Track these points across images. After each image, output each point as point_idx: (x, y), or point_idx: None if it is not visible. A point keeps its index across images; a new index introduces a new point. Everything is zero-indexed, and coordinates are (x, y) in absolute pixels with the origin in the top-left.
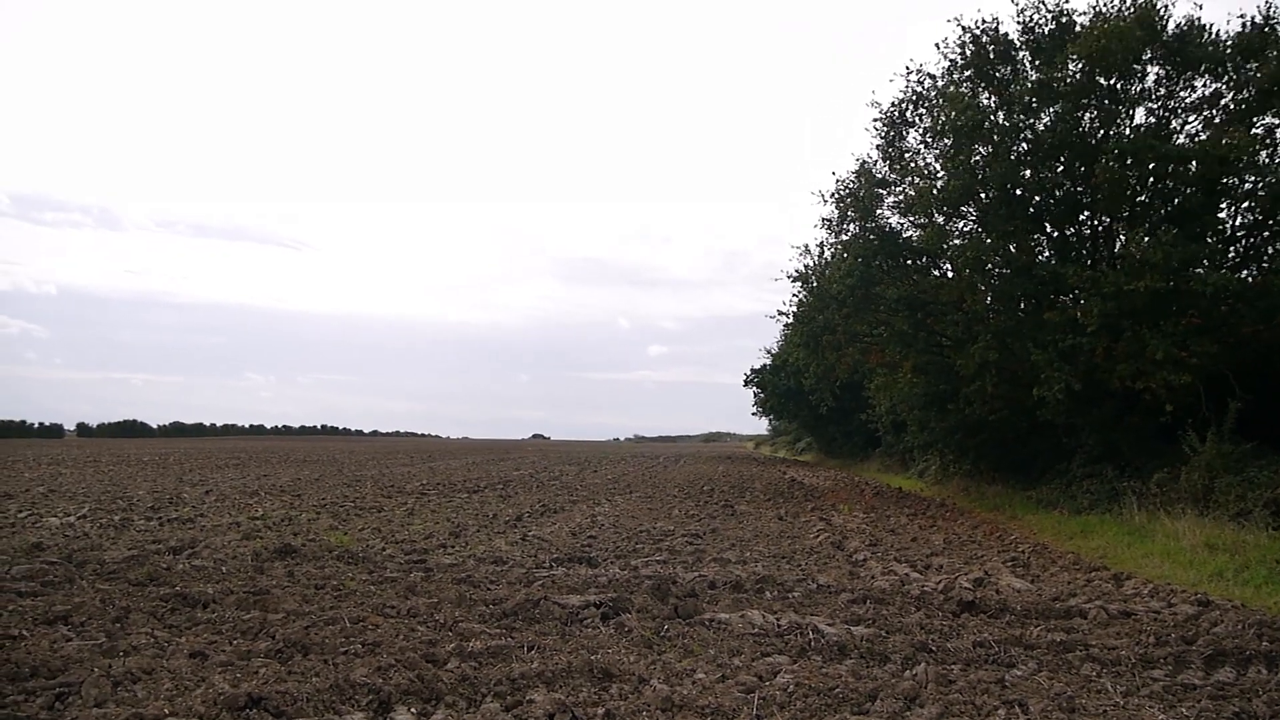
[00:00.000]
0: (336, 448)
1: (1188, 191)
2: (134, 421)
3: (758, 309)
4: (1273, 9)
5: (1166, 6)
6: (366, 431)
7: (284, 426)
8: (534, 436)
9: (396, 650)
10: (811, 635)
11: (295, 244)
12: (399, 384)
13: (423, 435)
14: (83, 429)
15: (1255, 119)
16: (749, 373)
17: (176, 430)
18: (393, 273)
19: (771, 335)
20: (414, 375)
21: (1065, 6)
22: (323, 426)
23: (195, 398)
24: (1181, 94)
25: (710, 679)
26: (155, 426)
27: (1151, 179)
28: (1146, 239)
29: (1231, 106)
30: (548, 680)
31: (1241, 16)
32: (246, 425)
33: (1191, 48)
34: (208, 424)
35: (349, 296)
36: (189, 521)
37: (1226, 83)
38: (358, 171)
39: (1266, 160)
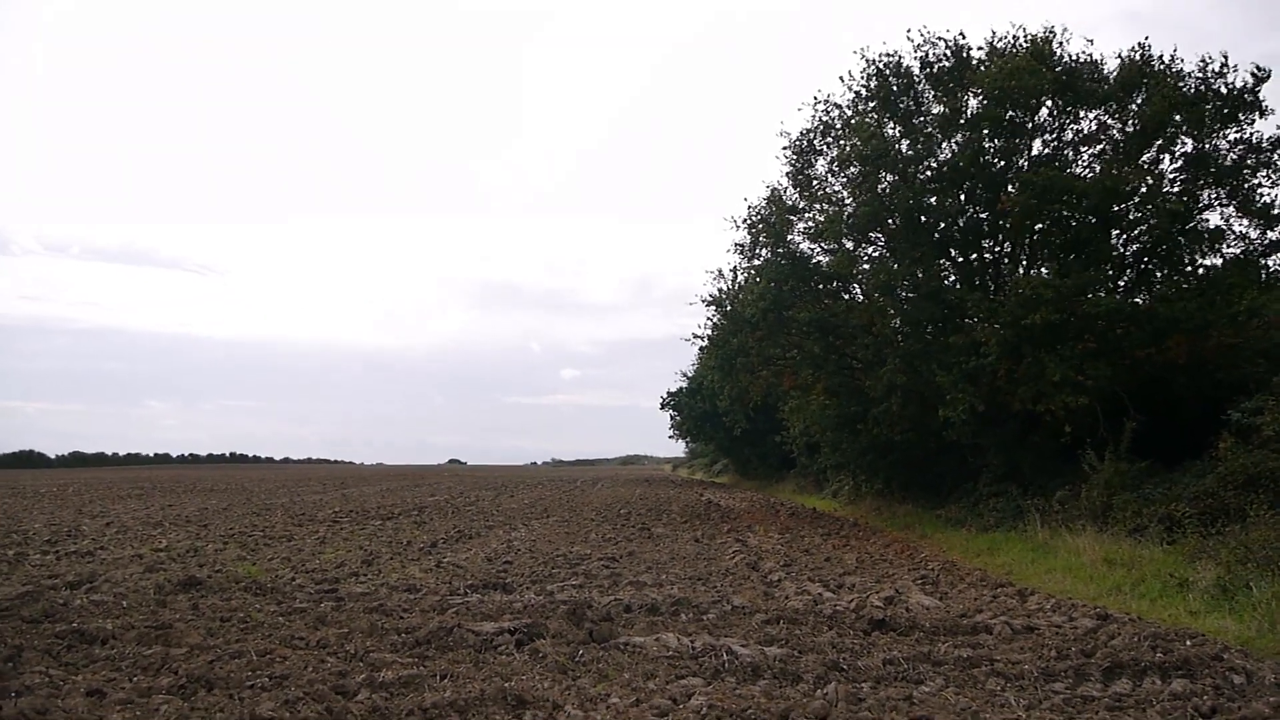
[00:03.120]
0: (246, 476)
1: (1082, 220)
2: (30, 452)
3: (672, 332)
4: (1149, 49)
5: (1061, 45)
6: (278, 459)
7: (190, 455)
8: (450, 462)
9: (305, 683)
10: (726, 657)
11: (198, 268)
12: (311, 410)
13: (336, 462)
14: None
15: (1141, 152)
16: (665, 396)
17: (76, 460)
18: (301, 298)
19: (687, 358)
20: (326, 401)
21: (962, 42)
22: (231, 454)
23: (95, 427)
24: (1073, 127)
25: (624, 703)
26: (53, 457)
27: (1049, 207)
28: (1045, 266)
29: (1119, 140)
30: (460, 709)
31: (1120, 56)
32: (151, 454)
33: (1082, 83)
34: (109, 453)
35: (255, 322)
36: (88, 554)
37: (1113, 116)
38: (263, 194)
39: (1150, 191)
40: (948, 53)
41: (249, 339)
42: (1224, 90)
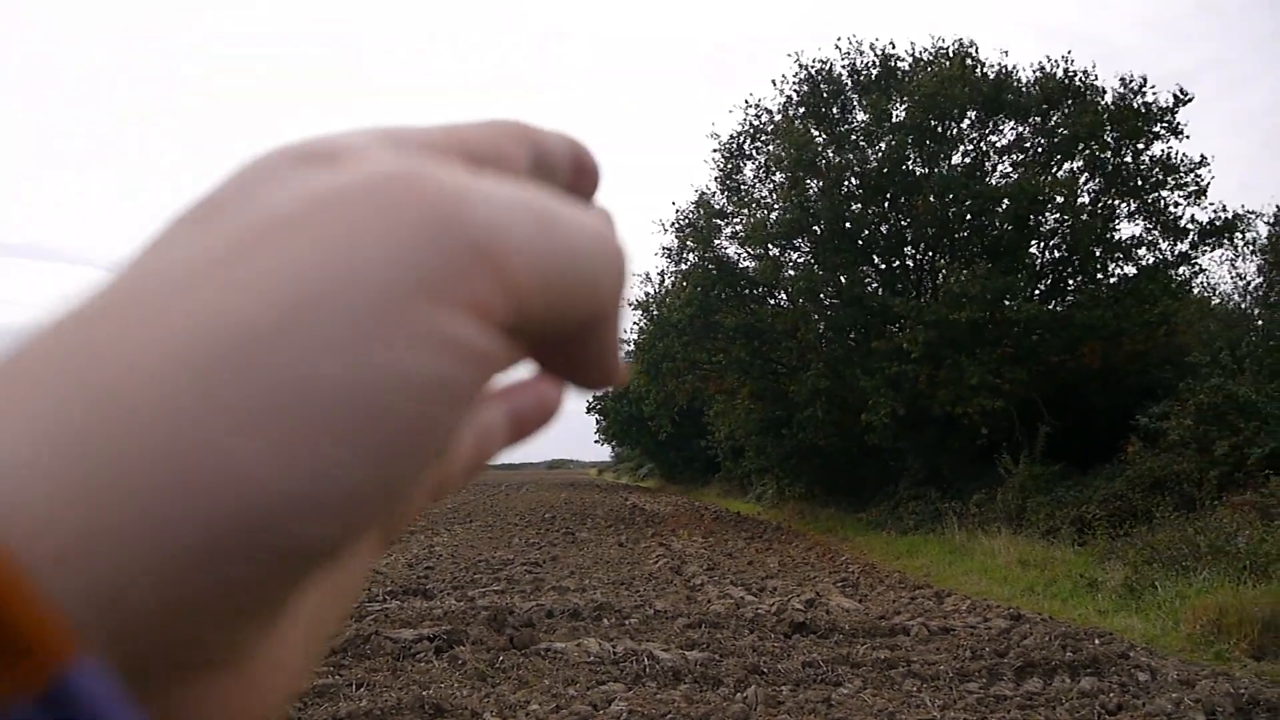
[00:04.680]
0: None
1: (1001, 228)
2: None
3: None
4: (1071, 64)
5: (980, 61)
6: None
7: None
8: None
9: None
10: (647, 661)
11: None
12: None
13: None
14: None
15: (1056, 163)
16: (591, 400)
17: None
18: None
19: None
20: None
21: (891, 52)
22: None
23: None
24: (992, 138)
25: (544, 710)
26: None
27: (969, 215)
28: (965, 272)
29: (1037, 151)
30: (376, 718)
31: (1039, 69)
32: None
33: (1002, 95)
34: None
35: None
36: None
37: (1031, 128)
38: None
39: (1066, 202)
40: (875, 61)
41: None
42: (1142, 109)
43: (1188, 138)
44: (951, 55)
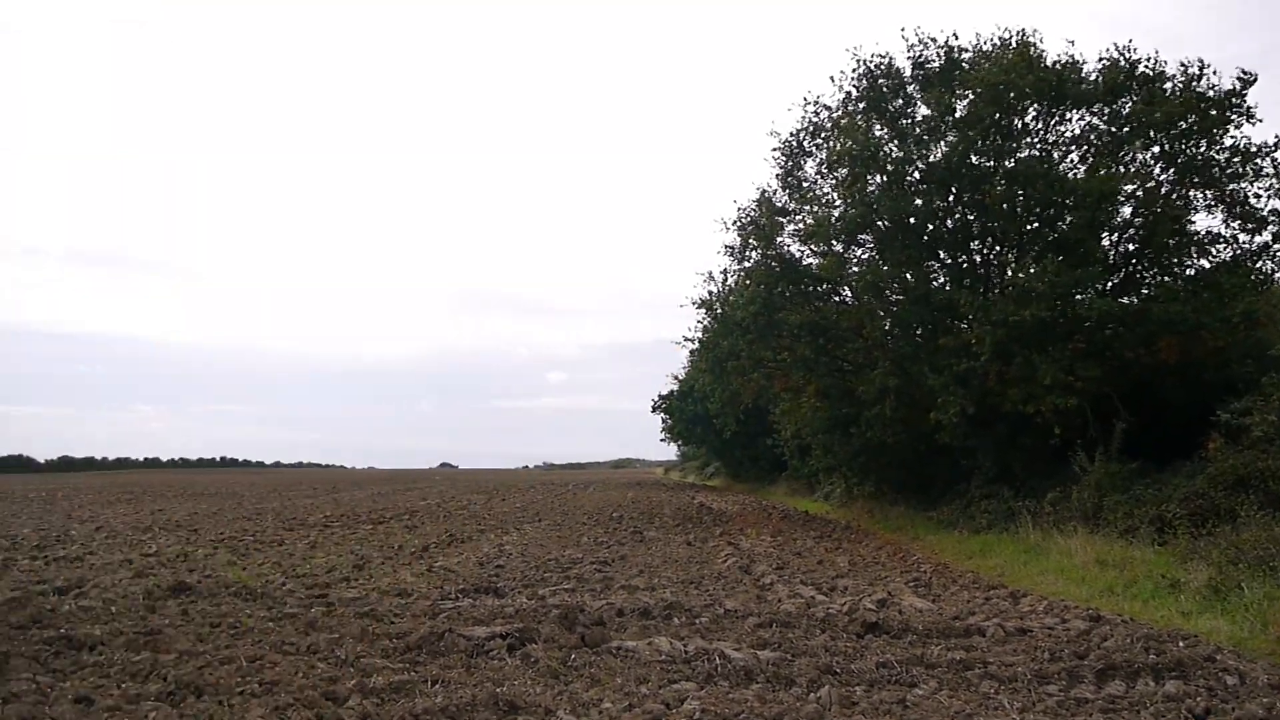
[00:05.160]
0: (236, 480)
1: (1070, 221)
2: (19, 456)
3: (659, 335)
4: (1133, 51)
5: (1039, 47)
6: (268, 463)
7: (180, 459)
8: (442, 465)
9: (295, 689)
10: (718, 661)
11: (182, 273)
12: (301, 414)
13: (327, 466)
14: None
15: (1127, 153)
16: (656, 399)
17: (65, 464)
18: (289, 304)
19: (676, 362)
20: (316, 405)
21: (954, 43)
22: (222, 459)
23: (83, 430)
24: (1059, 128)
25: (617, 708)
26: (43, 461)
27: (1038, 208)
28: (1034, 266)
29: (1105, 141)
30: (451, 715)
31: (1101, 59)
32: (140, 458)
33: (1067, 85)
34: (99, 457)
35: (242, 327)
36: (77, 560)
37: (1103, 118)
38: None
39: (1139, 193)
40: (939, 54)
41: (234, 344)
42: (1209, 94)
43: (1260, 120)
44: (1015, 46)
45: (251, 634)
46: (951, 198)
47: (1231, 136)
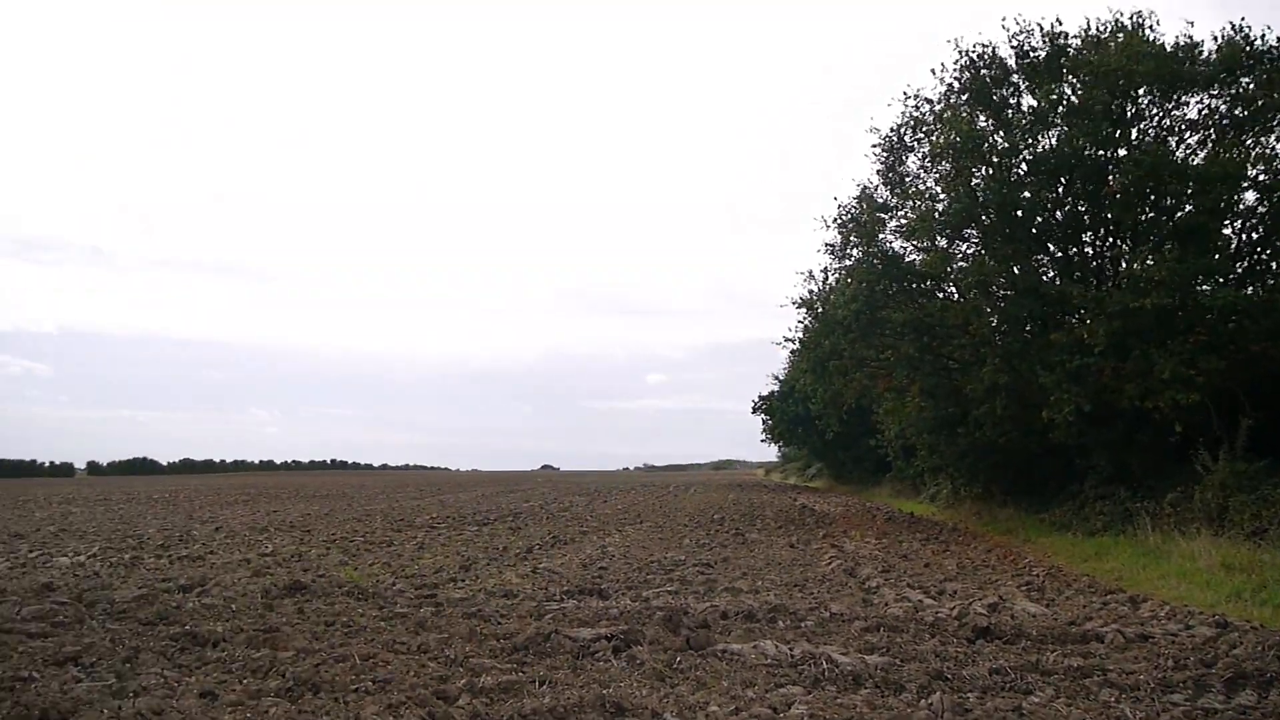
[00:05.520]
0: (346, 482)
1: (1190, 209)
2: (144, 459)
3: (758, 335)
4: (1247, 29)
5: (1155, 26)
6: (376, 465)
7: (293, 461)
8: (543, 467)
9: (407, 687)
10: (825, 665)
11: (296, 280)
12: (406, 417)
13: (432, 468)
14: (93, 467)
15: (1248, 135)
16: (757, 399)
17: (186, 467)
18: (395, 308)
19: (775, 362)
20: (421, 408)
21: (1058, 29)
22: (332, 461)
23: (200, 433)
24: (1175, 112)
25: (724, 712)
26: (165, 463)
27: (1154, 196)
28: (1151, 257)
29: (1225, 124)
30: (560, 715)
31: (1216, 38)
32: (256, 460)
33: (1184, 67)
34: (218, 460)
35: (352, 332)
36: (198, 559)
37: (1220, 99)
38: (358, 210)
39: (1265, 178)
40: (1043, 41)
41: (348, 349)
42: None
43: None
44: (1129, 29)
45: (364, 633)
46: (1061, 188)
47: None
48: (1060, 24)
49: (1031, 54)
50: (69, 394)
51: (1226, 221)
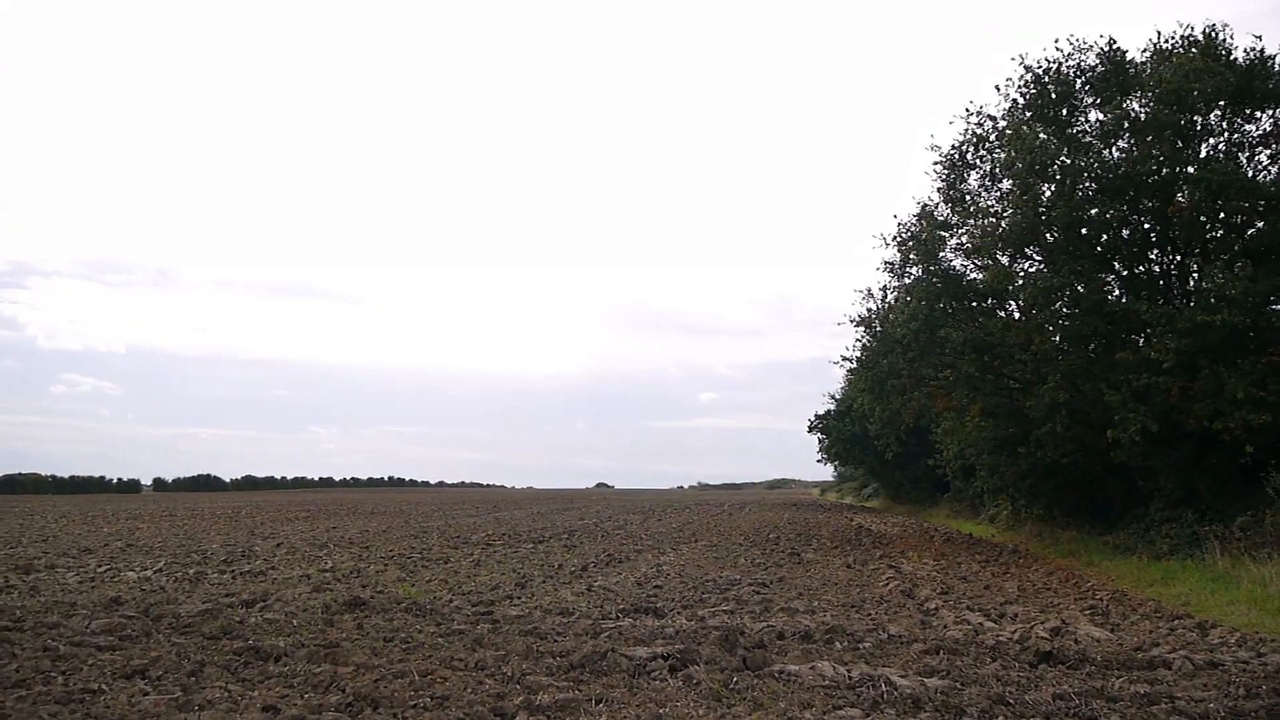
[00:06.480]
0: (403, 499)
1: (1263, 225)
2: (208, 475)
3: (814, 354)
4: None
5: (1230, 39)
6: (433, 482)
7: (352, 478)
8: (598, 485)
9: (465, 704)
10: (884, 687)
11: (354, 300)
12: (462, 435)
13: (488, 485)
14: (159, 483)
15: None
16: (813, 419)
17: (249, 483)
18: (450, 326)
19: (831, 381)
20: (477, 426)
21: (1115, 47)
22: (390, 478)
23: (263, 451)
24: (1247, 127)
25: None
26: (228, 480)
27: (1223, 213)
28: (1222, 274)
29: None
30: None
31: None
32: (316, 478)
33: (1256, 81)
34: (279, 477)
35: (408, 350)
36: (260, 574)
37: None
38: (415, 229)
39: None
40: (1107, 58)
41: (399, 367)
42: None
43: None
44: (1199, 44)
45: (422, 649)
46: (1126, 205)
47: None
48: (1115, 42)
49: (1096, 70)
50: (136, 412)
51: None
